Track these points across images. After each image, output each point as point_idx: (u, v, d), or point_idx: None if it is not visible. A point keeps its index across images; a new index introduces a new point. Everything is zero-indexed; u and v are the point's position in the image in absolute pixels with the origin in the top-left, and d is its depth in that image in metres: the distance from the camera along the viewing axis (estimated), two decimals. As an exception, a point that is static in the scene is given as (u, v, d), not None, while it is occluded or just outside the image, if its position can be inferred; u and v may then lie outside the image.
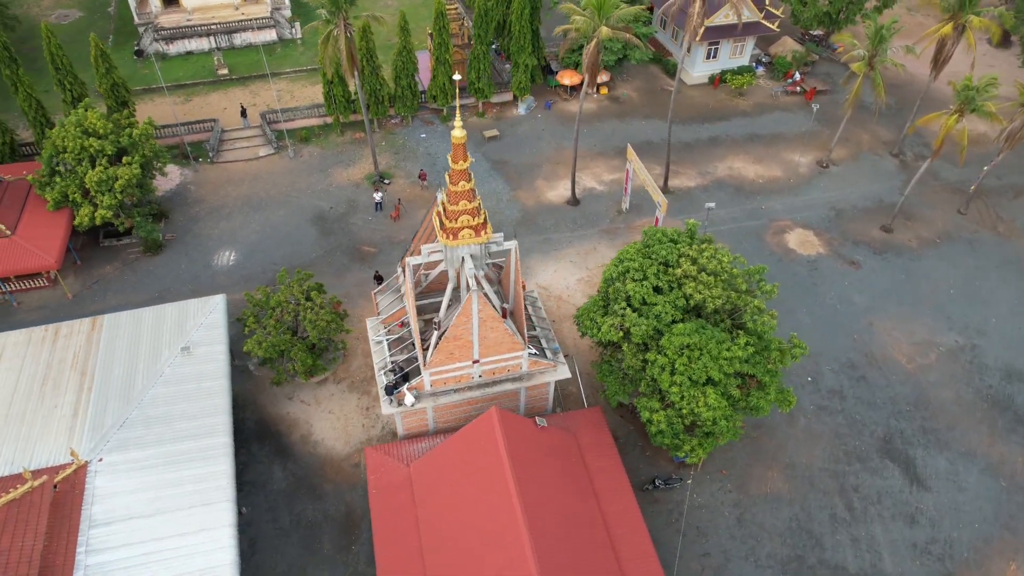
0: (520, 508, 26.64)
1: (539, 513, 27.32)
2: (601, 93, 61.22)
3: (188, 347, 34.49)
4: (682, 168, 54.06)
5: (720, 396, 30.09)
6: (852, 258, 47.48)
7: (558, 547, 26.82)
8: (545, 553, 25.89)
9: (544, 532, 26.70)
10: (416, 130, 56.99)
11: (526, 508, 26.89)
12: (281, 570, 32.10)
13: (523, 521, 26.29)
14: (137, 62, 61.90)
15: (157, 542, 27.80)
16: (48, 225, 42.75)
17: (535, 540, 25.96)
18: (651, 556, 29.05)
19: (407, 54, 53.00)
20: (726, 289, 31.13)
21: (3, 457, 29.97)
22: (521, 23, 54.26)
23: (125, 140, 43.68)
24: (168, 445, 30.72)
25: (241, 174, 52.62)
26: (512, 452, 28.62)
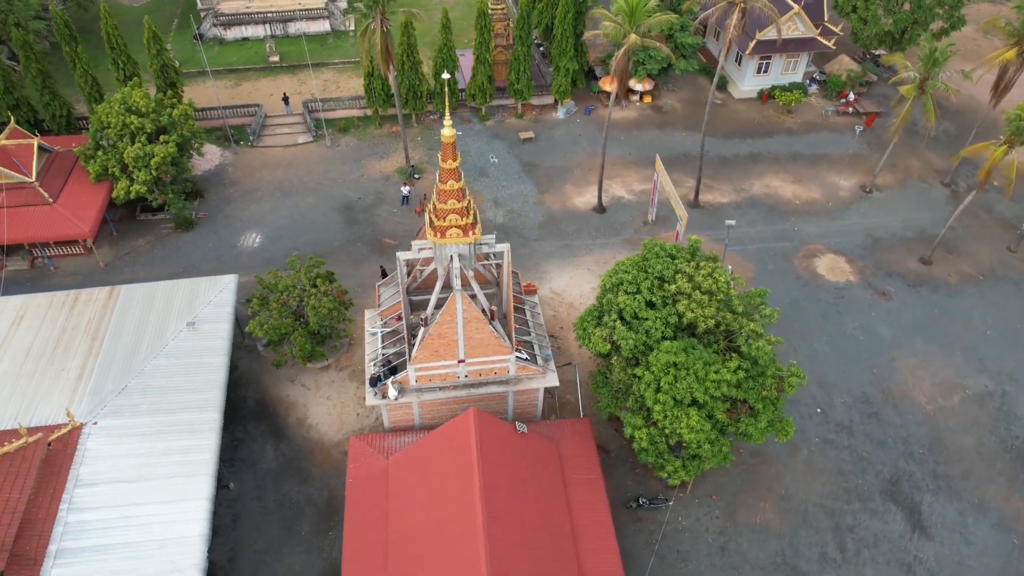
0: (481, 512, 26.52)
1: (502, 519, 27.13)
2: (644, 101, 60.36)
3: (194, 323, 35.62)
4: (717, 183, 52.82)
5: (704, 419, 29.27)
6: (883, 289, 45.47)
7: (517, 555, 26.57)
8: (500, 560, 25.69)
9: (503, 539, 26.50)
10: (454, 127, 57.20)
11: (488, 513, 26.74)
12: (259, 547, 32.84)
13: (482, 526, 26.16)
14: (196, 45, 64.22)
15: (136, 507, 28.81)
16: (88, 196, 44.82)
17: (492, 546, 25.79)
18: (617, 574, 28.50)
19: (447, 51, 53.38)
20: (721, 310, 30.25)
21: (9, 412, 31.56)
22: (564, 26, 53.94)
23: (165, 119, 45.43)
24: (161, 415, 31.80)
25: (278, 159, 54.03)
26: (484, 455, 28.52)
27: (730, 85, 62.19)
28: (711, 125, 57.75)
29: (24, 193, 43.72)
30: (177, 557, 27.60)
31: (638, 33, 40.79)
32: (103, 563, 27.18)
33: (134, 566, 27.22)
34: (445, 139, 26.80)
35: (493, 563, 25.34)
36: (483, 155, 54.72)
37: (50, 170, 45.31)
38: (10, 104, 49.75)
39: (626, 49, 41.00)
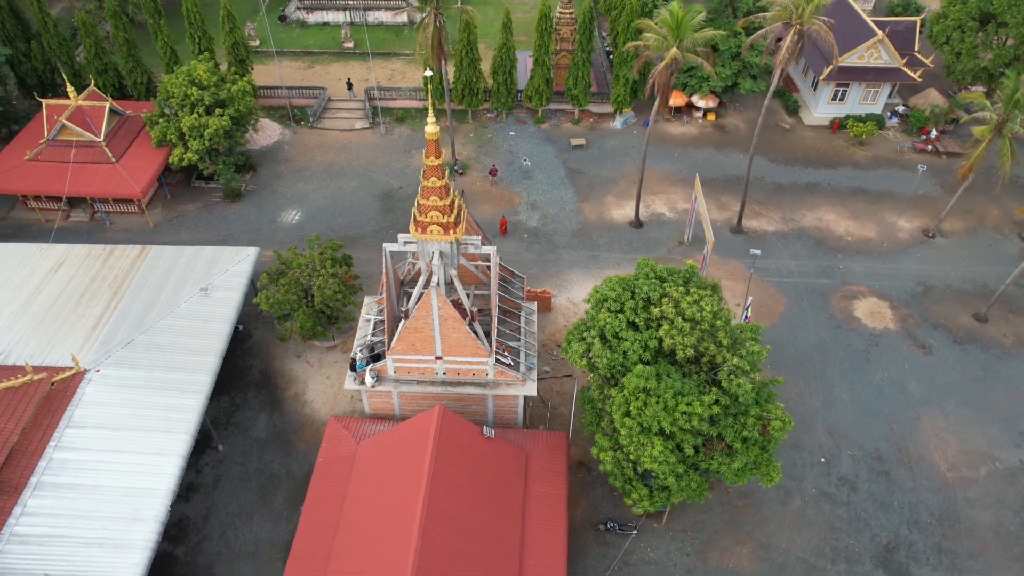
0: (422, 510, 26.59)
1: (444, 520, 27.11)
2: (708, 119, 58.56)
3: (207, 289, 37.36)
4: (766, 210, 50.64)
5: (669, 450, 28.23)
6: (924, 342, 42.36)
7: (451, 559, 26.49)
8: (430, 560, 25.67)
9: (440, 540, 26.48)
10: (508, 127, 57.53)
11: (430, 511, 26.78)
12: (232, 510, 34.14)
13: (419, 523, 26.22)
14: (280, 27, 67.16)
15: (115, 454, 30.55)
16: (146, 159, 47.75)
17: (424, 545, 25.81)
18: (558, 594, 27.97)
19: (506, 51, 53.55)
20: (704, 340, 29.01)
21: (28, 350, 34.12)
22: (626, 36, 53.03)
23: (224, 94, 47.77)
24: (158, 371, 33.57)
25: (332, 142, 55.79)
26: (440, 453, 28.57)
27: (802, 110, 59.44)
28: (772, 150, 55.66)
29: (92, 151, 47.04)
30: (140, 505, 29.10)
31: (681, 47, 39.57)
32: (74, 501, 28.98)
33: (100, 508, 28.87)
34: (428, 136, 26.93)
35: (421, 562, 25.37)
36: (531, 156, 54.62)
37: (118, 132, 48.50)
38: (99, 68, 53.56)
39: (667, 63, 39.86)
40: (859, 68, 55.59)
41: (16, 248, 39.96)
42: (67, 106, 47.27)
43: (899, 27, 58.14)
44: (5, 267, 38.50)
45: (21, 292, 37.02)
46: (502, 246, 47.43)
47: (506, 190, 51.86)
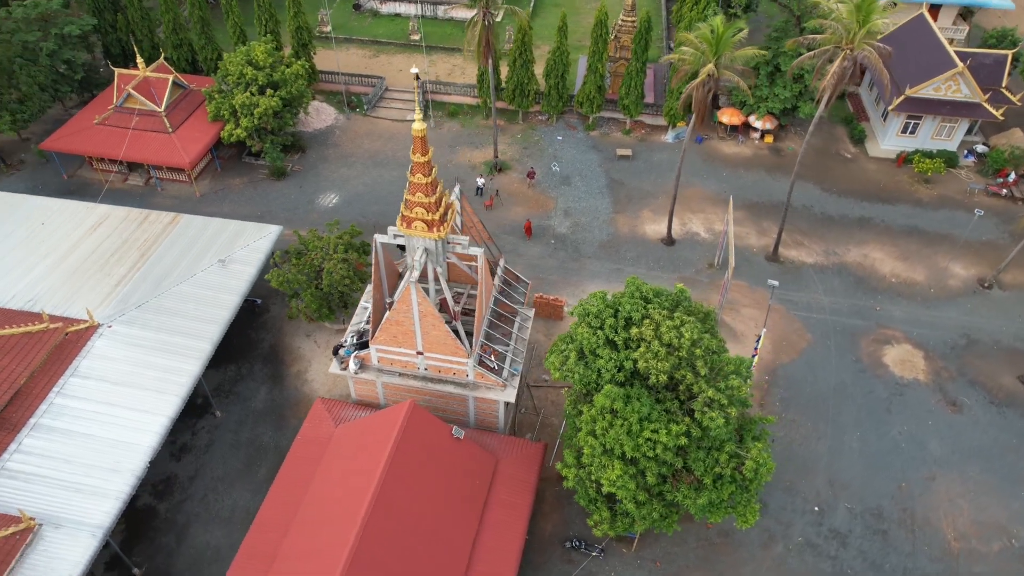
0: (369, 502, 26.84)
1: (391, 513, 27.28)
2: (765, 141, 56.39)
3: (225, 261, 38.87)
4: (809, 241, 48.35)
5: (629, 476, 27.46)
6: (956, 398, 39.48)
7: (391, 554, 26.63)
8: (368, 553, 25.89)
9: (383, 534, 26.65)
10: (557, 131, 57.14)
11: (378, 504, 27.00)
12: (216, 475, 35.46)
13: (363, 515, 26.47)
14: (353, 14, 69.01)
15: (109, 406, 32.27)
16: (201, 132, 50.08)
17: (364, 537, 26.04)
18: (499, 605, 27.69)
19: (560, 55, 53.21)
20: (681, 368, 28.01)
21: (54, 300, 36.44)
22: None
23: (278, 76, 49.53)
24: (163, 334, 35.20)
25: (382, 131, 56.92)
26: (401, 447, 28.75)
27: (868, 140, 56.38)
28: (827, 179, 53.15)
29: (152, 120, 49.73)
30: (122, 458, 30.63)
31: (719, 64, 38.24)
32: (63, 445, 30.79)
33: (86, 455, 30.57)
34: (415, 133, 27.08)
35: (358, 553, 25.62)
36: (574, 163, 54.10)
37: (179, 104, 51.05)
38: (175, 43, 56.58)
39: (702, 80, 38.60)
40: (934, 101, 52.22)
41: (66, 204, 42.73)
42: (136, 76, 50.08)
43: (987, 60, 54.25)
44: (52, 221, 41.20)
45: (60, 246, 39.55)
46: (527, 250, 47.24)
47: (542, 194, 51.56)
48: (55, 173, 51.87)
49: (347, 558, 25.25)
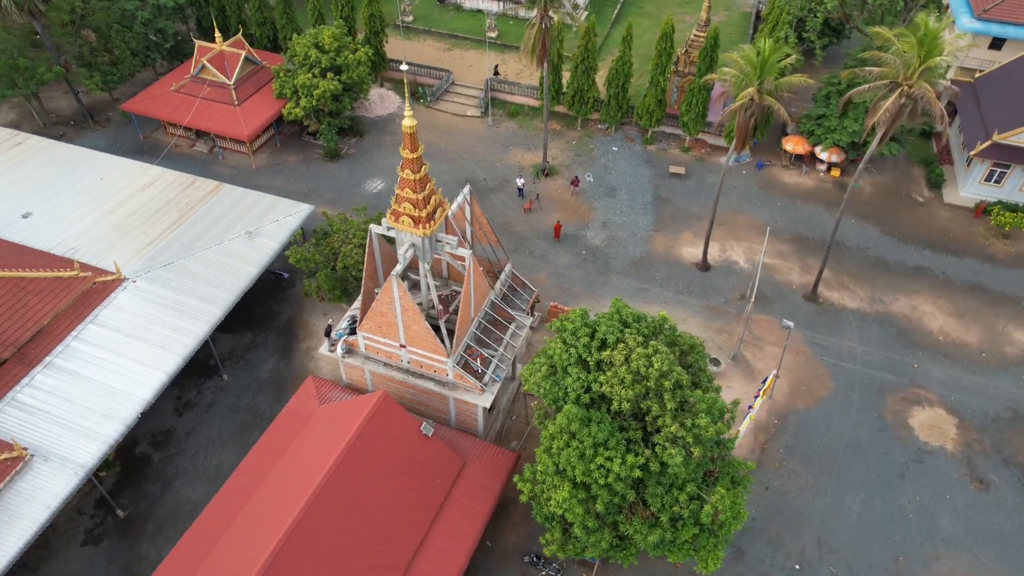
0: (316, 489, 27.32)
1: (337, 502, 27.66)
2: (831, 174, 53.43)
3: (252, 233, 40.52)
4: (855, 284, 45.50)
5: (576, 500, 26.80)
6: (983, 475, 36.27)
7: (328, 543, 27.00)
8: (303, 539, 26.34)
9: (324, 521, 27.03)
10: (613, 142, 56.19)
11: (324, 491, 27.45)
12: (210, 435, 37.09)
13: (307, 501, 26.94)
14: (437, 7, 70.14)
15: (116, 356, 34.33)
16: (263, 108, 52.32)
17: (304, 522, 26.48)
18: (433, 607, 27.67)
19: (622, 65, 52.25)
20: (648, 398, 27.01)
21: (93, 250, 39.07)
22: (751, 69, 49.60)
23: (341, 60, 51.05)
24: (180, 294, 37.10)
25: (441, 124, 57.65)
26: (363, 437, 29.16)
27: (946, 185, 52.40)
28: (890, 222, 49.95)
29: (221, 91, 52.36)
30: (116, 405, 32.55)
31: (762, 88, 36.49)
32: (68, 386, 33.01)
33: (86, 398, 32.65)
34: (406, 129, 27.24)
35: (292, 537, 26.12)
36: (623, 175, 53.05)
37: (249, 79, 53.49)
38: (259, 21, 59.31)
39: (744, 104, 36.95)
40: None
41: (124, 163, 45.68)
42: (213, 49, 52.84)
43: (1096, 112, 49.27)
44: (110, 177, 44.15)
45: (110, 201, 42.34)
46: (555, 258, 46.77)
47: (584, 203, 50.87)
48: (133, 133, 55.49)
49: (280, 539, 25.83)
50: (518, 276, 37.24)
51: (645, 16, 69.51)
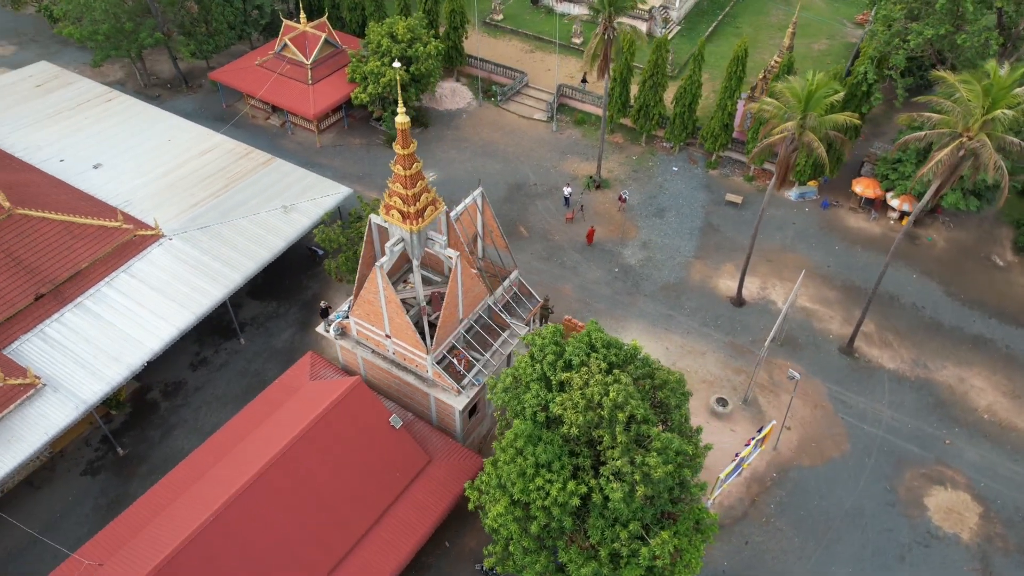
0: (266, 465, 28.18)
1: (286, 483, 28.35)
2: (902, 223, 49.71)
3: (288, 208, 42.21)
4: (900, 343, 42.22)
5: (512, 518, 26.43)
6: (998, 574, 32.85)
7: (266, 521, 27.52)
8: (240, 513, 27.15)
9: (268, 499, 27.76)
10: (675, 161, 54.60)
11: (274, 470, 28.25)
12: (216, 393, 39.03)
13: (254, 476, 27.81)
14: (529, 8, 70.30)
15: (138, 305, 36.72)
16: (335, 90, 54.30)
17: (245, 496, 27.38)
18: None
19: (692, 84, 50.67)
20: (600, 427, 26.19)
21: (144, 204, 41.88)
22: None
23: (412, 52, 52.22)
24: (208, 257, 39.19)
25: (505, 124, 57.88)
26: (328, 420, 29.87)
27: (1018, 249, 47.68)
28: (958, 282, 46.19)
29: (298, 70, 54.77)
30: (125, 352, 34.85)
31: (804, 124, 34.40)
32: (91, 326, 35.62)
33: (101, 340, 35.13)
34: (399, 126, 27.53)
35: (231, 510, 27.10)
36: (676, 197, 51.44)
37: (326, 61, 55.62)
38: (350, 6, 61.60)
39: (783, 136, 34.97)
40: None
41: (193, 127, 48.62)
42: (297, 29, 55.32)
43: None
44: (177, 139, 47.15)
45: (171, 161, 45.22)
46: (586, 272, 46.03)
47: (629, 219, 49.73)
48: (218, 101, 58.95)
49: (215, 512, 26.86)
50: (524, 285, 36.95)
51: (739, 36, 66.78)
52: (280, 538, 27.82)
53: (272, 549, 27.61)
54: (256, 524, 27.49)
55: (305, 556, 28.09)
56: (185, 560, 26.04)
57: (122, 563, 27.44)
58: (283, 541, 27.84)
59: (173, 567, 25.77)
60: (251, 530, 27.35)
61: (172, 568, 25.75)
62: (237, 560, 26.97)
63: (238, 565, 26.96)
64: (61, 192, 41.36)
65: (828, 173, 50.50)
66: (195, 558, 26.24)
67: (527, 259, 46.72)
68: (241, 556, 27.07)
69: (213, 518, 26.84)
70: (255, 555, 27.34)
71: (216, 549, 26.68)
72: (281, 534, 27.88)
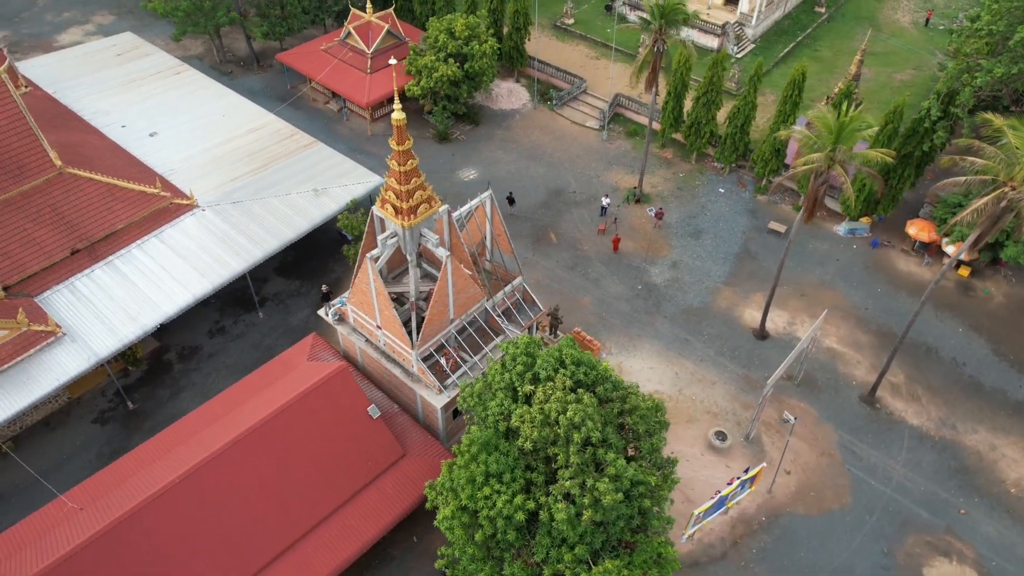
0: (234, 438, 29.04)
1: (246, 459, 29.08)
2: (958, 272, 46.47)
3: (318, 191, 43.36)
4: (929, 399, 39.53)
5: (459, 523, 26.33)
6: (989, 660, 30.39)
7: (224, 495, 28.36)
8: (201, 485, 28.08)
9: (228, 471, 28.55)
10: (723, 183, 52.88)
11: (243, 443, 29.10)
12: (228, 363, 40.49)
13: (217, 450, 28.74)
14: (602, 14, 69.55)
15: (163, 269, 38.53)
16: (391, 80, 55.27)
17: (209, 466, 28.37)
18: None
19: (746, 105, 48.95)
20: (555, 445, 25.72)
21: (188, 175, 43.85)
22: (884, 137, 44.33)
23: (467, 49, 52.62)
24: (235, 230, 40.69)
25: (556, 128, 57.50)
26: (304, 402, 30.51)
27: (1099, 317, 43.58)
28: (1011, 341, 42.65)
29: (359, 58, 56.12)
30: (141, 312, 36.68)
31: (834, 157, 32.61)
32: (116, 285, 37.59)
33: (123, 298, 37.06)
34: (395, 122, 27.79)
35: (201, 473, 28.12)
36: (717, 220, 49.77)
37: (387, 52, 56.62)
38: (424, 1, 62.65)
39: (809, 168, 33.26)
40: None
41: (250, 106, 50.56)
42: (362, 18, 56.67)
43: None
44: (231, 115, 49.20)
45: (221, 136, 47.22)
46: (608, 286, 45.21)
47: (662, 237, 48.52)
48: (284, 82, 61.09)
49: (184, 473, 27.93)
50: (528, 292, 36.65)
51: (817, 60, 64.02)
52: (245, 506, 28.69)
53: (236, 515, 28.53)
54: (223, 489, 28.43)
55: (268, 526, 28.87)
56: (150, 515, 27.20)
57: (99, 510, 28.87)
58: (248, 509, 28.71)
59: (138, 520, 26.98)
60: (217, 494, 28.31)
61: (137, 521, 26.96)
62: (201, 521, 27.95)
63: (202, 526, 27.93)
64: (114, 156, 43.86)
65: (882, 211, 47.89)
66: (161, 514, 27.37)
67: (551, 266, 46.35)
68: (206, 518, 28.05)
69: (182, 478, 27.93)
70: (220, 518, 28.30)
71: (182, 508, 27.76)
72: (247, 502, 28.75)
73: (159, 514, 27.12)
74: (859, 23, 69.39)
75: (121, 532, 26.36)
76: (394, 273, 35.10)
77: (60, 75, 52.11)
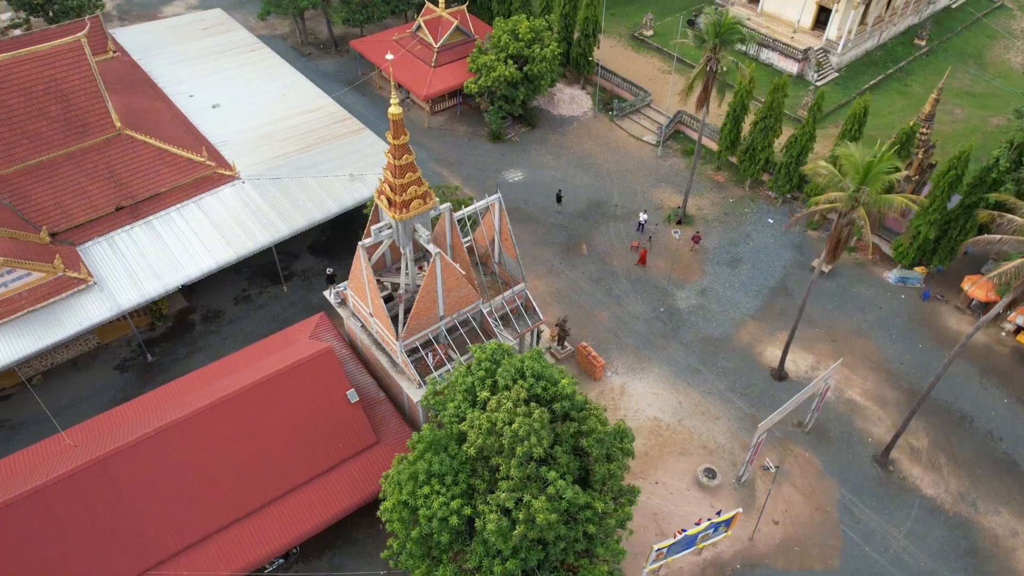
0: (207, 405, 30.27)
1: (225, 425, 30.26)
2: (1018, 339, 42.75)
3: (353, 176, 44.45)
4: (951, 471, 36.64)
5: (399, 518, 26.50)
6: None
7: (196, 454, 29.63)
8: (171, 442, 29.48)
9: (201, 436, 29.85)
10: (774, 213, 50.67)
11: (217, 409, 30.30)
12: (245, 330, 42.10)
13: (191, 414, 30.11)
14: (686, 28, 67.85)
15: (194, 235, 40.39)
16: (453, 76, 56.01)
17: (174, 428, 29.74)
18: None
19: (805, 135, 46.74)
20: (499, 456, 25.44)
21: (237, 148, 45.79)
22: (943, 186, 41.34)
23: (529, 52, 52.63)
24: (267, 205, 42.18)
25: (611, 139, 56.67)
26: (281, 379, 31.45)
27: None
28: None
29: (426, 51, 57.10)
30: (168, 273, 38.68)
31: (858, 197, 30.60)
32: (151, 243, 39.67)
33: (154, 257, 39.11)
34: (392, 117, 28.15)
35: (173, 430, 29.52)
36: (759, 251, 47.75)
37: (453, 47, 57.37)
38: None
39: (833, 207, 31.34)
40: None
41: (310, 88, 52.21)
42: (434, 12, 57.64)
43: None
44: (291, 94, 51.11)
45: (276, 114, 49.07)
46: (629, 304, 44.22)
47: (697, 261, 47.00)
48: (356, 68, 62.93)
49: (157, 429, 29.34)
50: (530, 300, 36.35)
51: (906, 96, 60.41)
52: (209, 468, 29.91)
53: (199, 476, 29.76)
54: (189, 449, 29.73)
55: (230, 491, 29.97)
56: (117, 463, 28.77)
57: (86, 450, 30.76)
58: (212, 472, 29.92)
59: (104, 467, 28.60)
60: (183, 453, 29.62)
61: (104, 467, 28.59)
62: (165, 476, 29.32)
63: (165, 481, 29.30)
64: (173, 123, 46.43)
65: (939, 262, 44.66)
66: (127, 464, 28.91)
67: (576, 277, 45.78)
68: (169, 473, 29.40)
69: (153, 433, 29.40)
70: (183, 477, 29.60)
71: (148, 461, 29.22)
72: (212, 465, 29.96)
73: (125, 464, 28.64)
74: (962, 60, 64.97)
75: (87, 476, 28.01)
76: (397, 264, 35.57)
77: (148, 44, 55.56)
